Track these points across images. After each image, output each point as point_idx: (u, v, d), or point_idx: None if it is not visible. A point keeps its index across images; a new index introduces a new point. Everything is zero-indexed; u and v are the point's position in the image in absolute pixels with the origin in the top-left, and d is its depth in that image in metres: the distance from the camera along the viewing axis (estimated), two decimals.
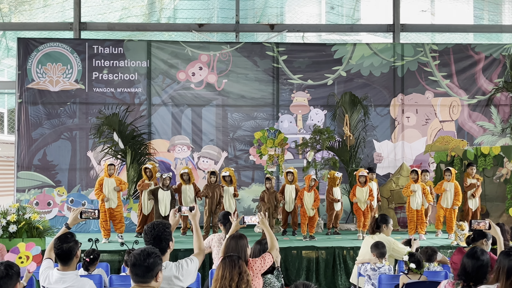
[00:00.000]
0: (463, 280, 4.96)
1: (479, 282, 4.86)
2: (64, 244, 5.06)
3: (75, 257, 5.12)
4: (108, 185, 12.34)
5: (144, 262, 4.06)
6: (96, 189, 12.43)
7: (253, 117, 16.04)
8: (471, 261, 4.95)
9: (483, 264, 4.93)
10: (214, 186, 12.81)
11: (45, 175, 15.42)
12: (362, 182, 12.87)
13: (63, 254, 5.05)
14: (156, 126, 15.83)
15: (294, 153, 15.94)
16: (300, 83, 16.10)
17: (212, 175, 12.88)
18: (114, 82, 15.74)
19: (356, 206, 12.90)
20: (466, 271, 4.95)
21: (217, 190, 12.78)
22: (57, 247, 5.05)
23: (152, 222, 4.88)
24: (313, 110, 16.14)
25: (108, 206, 12.30)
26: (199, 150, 15.91)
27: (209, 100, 15.98)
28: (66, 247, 5.05)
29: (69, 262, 5.07)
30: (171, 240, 4.86)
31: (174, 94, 15.90)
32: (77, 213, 5.45)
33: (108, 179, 12.39)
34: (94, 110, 15.60)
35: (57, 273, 5.05)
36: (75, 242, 5.16)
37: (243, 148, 16.02)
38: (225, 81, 16.00)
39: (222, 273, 4.87)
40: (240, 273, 4.90)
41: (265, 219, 6.22)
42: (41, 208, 14.67)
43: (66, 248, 5.05)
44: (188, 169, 12.97)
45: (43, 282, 5.09)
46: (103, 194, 12.26)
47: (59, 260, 5.09)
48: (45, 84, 15.54)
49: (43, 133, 15.53)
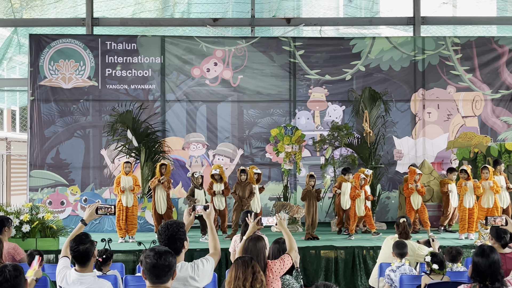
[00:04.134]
0: (478, 281, 4.95)
1: (495, 280, 4.86)
2: (80, 245, 5.08)
3: (92, 257, 5.14)
4: (125, 183, 12.45)
5: (165, 262, 4.11)
6: (115, 188, 12.58)
7: (270, 113, 16.05)
8: (482, 259, 4.96)
9: (494, 260, 4.95)
10: (244, 184, 12.88)
11: (58, 173, 15.54)
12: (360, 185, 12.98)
13: (80, 256, 5.08)
14: (171, 123, 15.89)
15: (311, 150, 15.91)
16: (317, 79, 16.07)
17: (242, 173, 12.94)
18: (128, 78, 15.81)
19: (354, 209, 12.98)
20: (479, 270, 4.96)
21: (247, 188, 12.85)
22: (74, 249, 5.07)
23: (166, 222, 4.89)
24: (331, 106, 16.11)
25: (125, 205, 12.42)
26: (214, 147, 15.95)
27: (225, 96, 16.02)
28: (82, 249, 5.07)
29: (86, 263, 5.10)
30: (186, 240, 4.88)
31: (188, 91, 15.94)
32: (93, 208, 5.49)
33: (125, 177, 12.50)
34: (107, 107, 15.69)
35: (74, 274, 5.08)
36: (91, 243, 5.18)
37: (259, 146, 16.03)
38: (241, 77, 16.01)
39: (235, 274, 4.90)
40: (254, 273, 4.92)
41: (283, 220, 6.21)
42: (54, 208, 14.79)
43: (83, 249, 5.07)
44: (219, 169, 13.00)
45: (60, 282, 5.11)
46: (120, 187, 12.37)
47: (76, 262, 5.12)
48: (57, 81, 15.65)
49: (56, 131, 15.65)
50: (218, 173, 12.86)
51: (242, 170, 13.02)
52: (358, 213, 12.88)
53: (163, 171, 12.91)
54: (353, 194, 12.97)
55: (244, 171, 12.98)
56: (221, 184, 12.96)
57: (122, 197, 12.47)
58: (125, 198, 12.44)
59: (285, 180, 15.13)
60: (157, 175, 12.92)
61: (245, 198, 12.78)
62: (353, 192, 12.94)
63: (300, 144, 14.93)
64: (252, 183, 12.99)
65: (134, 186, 12.51)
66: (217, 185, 12.91)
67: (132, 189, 12.46)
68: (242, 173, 12.95)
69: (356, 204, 12.87)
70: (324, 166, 15.12)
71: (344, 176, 13.45)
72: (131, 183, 12.47)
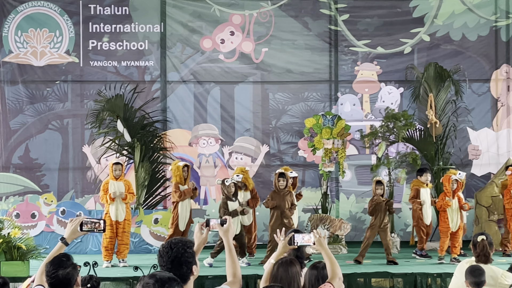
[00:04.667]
0: None
1: None
2: (59, 270, 5.07)
3: (75, 285, 5.16)
4: (115, 189, 12.45)
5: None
6: (101, 196, 12.60)
7: (303, 98, 15.99)
8: None
9: None
10: (284, 193, 12.89)
11: (28, 177, 15.61)
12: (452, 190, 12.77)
13: (59, 284, 5.06)
14: (174, 111, 15.91)
15: (359, 147, 15.85)
16: (366, 52, 15.98)
17: (281, 178, 12.93)
18: (118, 53, 15.83)
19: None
20: None
21: (287, 197, 12.87)
22: (51, 275, 5.06)
23: (169, 241, 4.82)
24: (384, 88, 16.05)
25: (115, 218, 12.47)
26: (230, 143, 15.95)
27: (244, 76, 16.00)
28: (62, 274, 5.07)
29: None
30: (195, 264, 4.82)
31: (197, 69, 15.93)
32: (77, 224, 5.49)
33: (114, 182, 12.52)
34: (91, 91, 15.73)
35: None
36: (74, 267, 5.17)
37: (289, 141, 16.01)
38: (265, 50, 15.97)
39: None
40: None
41: (323, 239, 6.20)
42: (23, 222, 14.80)
43: (63, 275, 5.06)
44: (244, 173, 13.08)
45: None
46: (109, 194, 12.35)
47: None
48: (26, 56, 15.72)
49: (24, 122, 15.71)
50: (242, 178, 12.90)
51: (281, 174, 12.99)
52: (451, 227, 12.76)
53: (185, 175, 12.98)
54: (440, 203, 12.88)
55: (284, 176, 12.95)
56: (246, 192, 13.00)
57: (111, 208, 12.47)
58: (114, 209, 12.45)
59: (324, 185, 15.06)
60: (178, 179, 12.97)
61: (286, 210, 12.77)
62: (441, 201, 12.84)
63: (344, 139, 14.85)
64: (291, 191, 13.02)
65: (127, 194, 12.52)
66: (240, 193, 12.93)
67: (124, 197, 12.47)
68: (281, 177, 12.93)
69: (448, 216, 12.76)
70: (375, 167, 15.01)
71: (421, 178, 13.42)
72: (122, 190, 12.50)
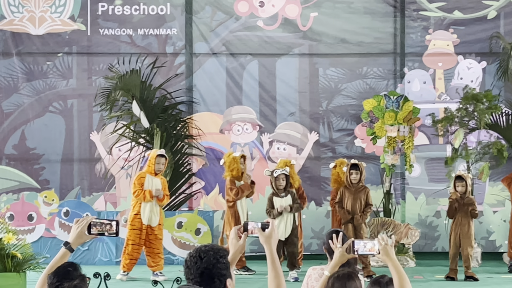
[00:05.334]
0: None
1: None
2: (65, 282, 5.04)
3: None
4: (151, 186, 12.48)
5: None
6: (136, 190, 12.50)
7: (362, 74, 15.94)
8: None
9: None
10: (357, 189, 12.96)
11: (24, 171, 15.71)
12: None
13: None
14: (202, 91, 15.93)
15: (430, 135, 15.74)
16: (440, 17, 15.85)
17: (354, 170, 12.96)
18: (133, 19, 15.85)
19: None
20: None
21: (361, 195, 12.94)
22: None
23: (198, 248, 4.79)
24: (462, 62, 15.92)
25: (147, 222, 12.44)
26: (271, 130, 15.94)
27: (288, 47, 15.95)
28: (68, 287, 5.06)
29: None
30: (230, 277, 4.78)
31: (230, 38, 15.92)
32: (84, 225, 5.47)
33: (152, 177, 12.54)
34: (101, 65, 15.78)
35: None
36: (82, 279, 5.13)
37: (344, 127, 15.98)
38: (314, 15, 15.89)
39: None
40: None
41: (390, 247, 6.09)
42: (19, 225, 14.88)
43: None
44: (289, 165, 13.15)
45: None
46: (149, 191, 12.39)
47: None
48: (22, 23, 15.76)
49: (20, 103, 15.80)
50: (288, 173, 12.94)
51: (353, 166, 13.04)
52: None
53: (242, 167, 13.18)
54: None
55: (357, 167, 13.00)
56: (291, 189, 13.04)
57: (144, 209, 12.47)
58: (148, 211, 12.44)
59: (387, 183, 15.01)
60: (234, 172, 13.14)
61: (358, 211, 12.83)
62: None
63: (412, 125, 14.76)
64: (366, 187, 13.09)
65: (165, 195, 12.59)
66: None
67: (161, 197, 12.54)
68: (354, 169, 12.98)
69: None
70: (451, 160, 14.90)
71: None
72: (159, 187, 12.52)
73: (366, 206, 12.84)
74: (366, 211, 12.84)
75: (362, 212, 12.78)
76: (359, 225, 12.73)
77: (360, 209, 12.77)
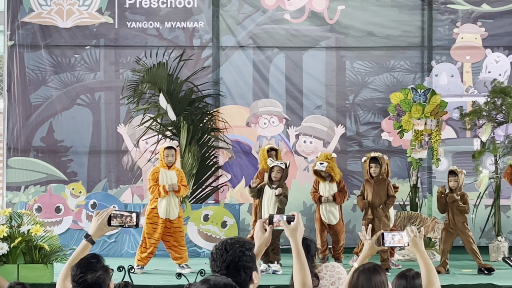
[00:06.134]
0: None
1: None
2: (88, 273, 5.07)
3: None
4: (166, 180, 12.49)
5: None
6: (151, 186, 12.55)
7: (389, 67, 15.91)
8: None
9: None
10: (377, 181, 12.91)
11: (52, 163, 15.80)
12: None
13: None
14: (228, 84, 15.96)
15: (458, 128, 15.69)
16: (468, 10, 15.77)
17: (374, 163, 12.92)
18: (160, 12, 15.88)
19: None
20: None
21: (381, 188, 12.90)
22: (78, 280, 5.05)
23: (225, 241, 4.81)
24: (490, 56, 15.86)
25: (165, 216, 12.44)
26: (298, 123, 15.94)
27: (315, 40, 15.92)
28: (92, 279, 5.05)
29: None
30: (256, 270, 4.79)
31: (257, 31, 15.92)
32: (104, 217, 5.50)
33: (165, 171, 12.54)
34: (128, 58, 15.83)
35: None
36: (105, 270, 5.16)
37: (371, 121, 15.97)
38: (342, 7, 15.86)
39: None
40: None
41: (419, 239, 6.10)
42: (46, 217, 14.97)
43: (92, 280, 5.04)
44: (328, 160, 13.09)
45: None
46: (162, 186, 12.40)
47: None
48: (50, 16, 15.84)
49: (48, 96, 15.88)
50: (327, 167, 12.96)
51: (373, 159, 12.97)
52: None
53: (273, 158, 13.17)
54: None
55: (377, 160, 12.92)
56: (331, 184, 13.08)
57: (160, 203, 12.46)
58: (165, 205, 12.41)
59: (414, 176, 15.00)
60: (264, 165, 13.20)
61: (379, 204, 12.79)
62: None
63: (439, 118, 14.72)
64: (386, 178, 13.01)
65: (180, 186, 12.54)
66: (324, 185, 13.10)
67: (177, 189, 12.51)
68: (373, 162, 12.92)
69: None
70: (478, 154, 14.80)
71: None
72: (175, 181, 12.52)
73: (388, 198, 12.79)
74: (387, 204, 12.77)
75: (384, 204, 12.72)
76: (380, 218, 12.67)
77: (381, 202, 12.73)
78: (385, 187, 12.84)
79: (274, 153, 13.35)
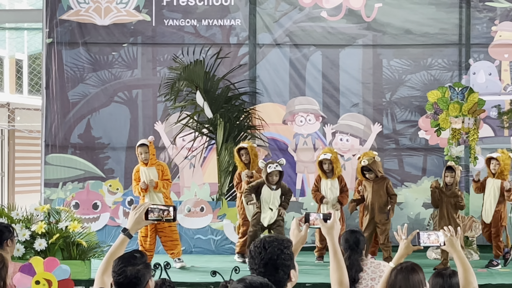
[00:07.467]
0: None
1: None
2: (128, 267, 5.13)
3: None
4: (147, 177, 12.74)
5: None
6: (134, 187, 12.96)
7: (426, 65, 15.83)
8: None
9: None
10: (376, 182, 13.04)
11: (90, 160, 15.92)
12: None
13: (127, 283, 5.10)
14: (265, 81, 15.97)
15: (495, 127, 15.61)
16: (507, 8, 15.67)
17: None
18: (198, 9, 15.91)
19: None
20: None
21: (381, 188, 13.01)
22: (118, 272, 5.10)
23: (262, 239, 4.84)
24: None
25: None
26: (334, 121, 15.91)
27: (352, 38, 15.92)
28: (132, 273, 5.10)
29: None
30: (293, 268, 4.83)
31: (294, 29, 15.92)
32: (142, 211, 5.54)
33: (144, 168, 12.78)
34: (165, 55, 15.90)
35: None
36: (146, 266, 5.20)
37: (408, 119, 15.90)
38: (379, 5, 15.82)
39: None
40: None
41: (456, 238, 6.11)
42: (84, 213, 15.11)
43: (132, 273, 5.10)
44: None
45: None
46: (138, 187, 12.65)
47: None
48: (88, 13, 15.95)
49: (86, 93, 16.00)
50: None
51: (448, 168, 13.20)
52: None
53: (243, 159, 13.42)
54: None
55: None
56: (333, 180, 13.26)
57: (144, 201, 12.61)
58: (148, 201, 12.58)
59: None
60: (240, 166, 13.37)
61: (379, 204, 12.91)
62: None
63: (477, 117, 14.67)
64: None
65: (157, 182, 12.71)
66: (326, 182, 13.31)
67: (154, 186, 12.69)
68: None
69: None
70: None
71: None
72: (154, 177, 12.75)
73: (389, 197, 12.89)
74: (391, 203, 12.96)
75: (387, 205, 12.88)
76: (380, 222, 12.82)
77: (381, 202, 12.74)
78: (384, 187, 12.87)
79: (244, 151, 13.31)
